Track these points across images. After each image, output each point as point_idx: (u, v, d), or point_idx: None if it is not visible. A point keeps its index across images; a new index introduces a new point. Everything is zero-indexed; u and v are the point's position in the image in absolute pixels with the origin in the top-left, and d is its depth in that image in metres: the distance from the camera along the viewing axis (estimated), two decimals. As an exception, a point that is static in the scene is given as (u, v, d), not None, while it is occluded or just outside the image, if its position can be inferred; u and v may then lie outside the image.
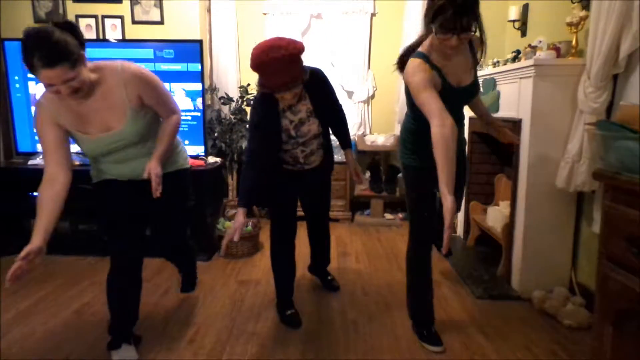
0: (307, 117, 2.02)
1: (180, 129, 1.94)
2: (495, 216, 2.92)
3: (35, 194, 3.18)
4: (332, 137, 2.30)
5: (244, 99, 3.72)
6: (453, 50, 1.62)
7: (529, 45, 2.58)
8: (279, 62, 1.71)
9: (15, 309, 2.33)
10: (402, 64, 1.79)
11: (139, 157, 1.79)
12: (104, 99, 1.64)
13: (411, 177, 1.98)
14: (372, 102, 4.17)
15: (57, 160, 1.64)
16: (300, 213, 2.46)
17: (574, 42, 2.32)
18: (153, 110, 1.79)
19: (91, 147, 1.71)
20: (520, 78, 2.45)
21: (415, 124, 1.89)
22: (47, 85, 1.47)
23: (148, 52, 3.18)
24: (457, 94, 1.76)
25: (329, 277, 2.62)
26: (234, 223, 1.87)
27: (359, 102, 4.10)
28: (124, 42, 3.39)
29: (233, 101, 3.77)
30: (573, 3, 2.37)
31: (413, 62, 1.67)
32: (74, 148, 1.79)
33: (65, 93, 1.49)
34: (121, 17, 3.60)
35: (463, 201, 3.49)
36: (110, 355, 1.85)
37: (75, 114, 1.64)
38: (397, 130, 4.04)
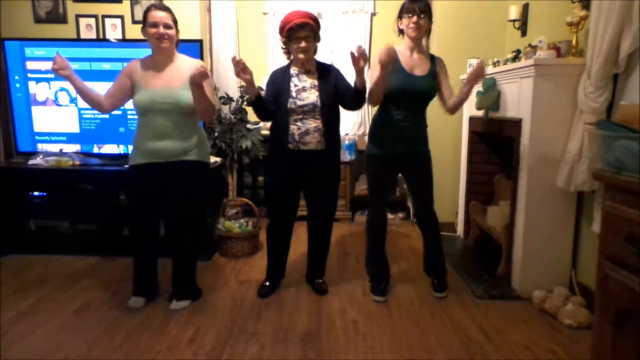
0: (309, 88, 2.34)
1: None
2: (495, 216, 2.92)
3: (35, 193, 3.20)
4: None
5: (244, 98, 3.71)
6: (416, 33, 2.26)
7: (529, 45, 2.58)
8: (308, 13, 2.29)
9: (15, 309, 2.33)
10: None
11: (174, 138, 2.21)
12: (175, 69, 2.24)
13: (372, 163, 2.43)
14: (372, 102, 4.17)
15: (110, 93, 2.26)
16: (303, 213, 2.55)
17: (574, 42, 2.32)
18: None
19: (146, 95, 2.18)
20: (521, 78, 2.45)
21: (377, 114, 2.43)
22: (152, 25, 2.13)
23: (148, 52, 3.16)
24: (411, 78, 2.30)
25: (318, 281, 2.59)
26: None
27: (359, 102, 4.10)
28: (124, 42, 3.39)
29: (233, 101, 3.77)
30: (573, 3, 2.36)
31: None
32: (74, 148, 1.82)
33: (159, 33, 2.13)
34: (121, 17, 3.60)
35: (463, 201, 3.50)
36: (129, 302, 2.35)
37: (152, 71, 2.23)
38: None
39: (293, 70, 2.37)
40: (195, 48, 3.11)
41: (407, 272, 2.83)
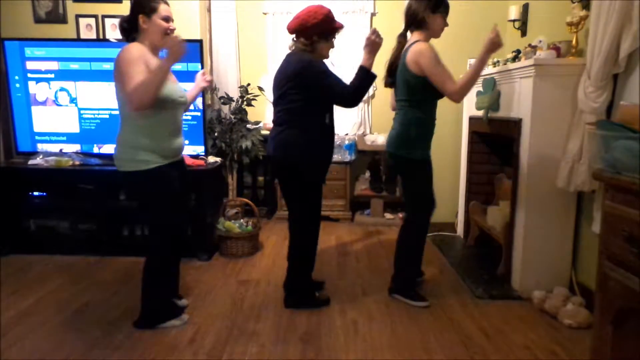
0: None
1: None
2: (495, 216, 2.92)
3: (35, 193, 3.20)
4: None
5: (244, 98, 3.71)
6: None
7: (529, 45, 2.58)
8: None
9: (15, 309, 2.33)
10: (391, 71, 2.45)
11: (182, 134, 2.18)
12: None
13: (430, 166, 2.36)
14: (372, 102, 4.17)
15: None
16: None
17: (574, 42, 2.32)
18: None
19: (170, 89, 2.02)
20: (521, 78, 2.45)
21: (422, 114, 2.29)
22: (165, 19, 2.06)
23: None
24: None
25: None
26: None
27: (359, 101, 4.10)
28: (124, 41, 3.38)
29: (233, 101, 3.77)
30: (573, 3, 2.36)
31: (424, 44, 2.20)
32: (74, 148, 1.81)
33: (172, 29, 2.08)
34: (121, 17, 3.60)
35: (463, 201, 3.50)
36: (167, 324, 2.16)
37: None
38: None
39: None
40: (195, 48, 3.11)
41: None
